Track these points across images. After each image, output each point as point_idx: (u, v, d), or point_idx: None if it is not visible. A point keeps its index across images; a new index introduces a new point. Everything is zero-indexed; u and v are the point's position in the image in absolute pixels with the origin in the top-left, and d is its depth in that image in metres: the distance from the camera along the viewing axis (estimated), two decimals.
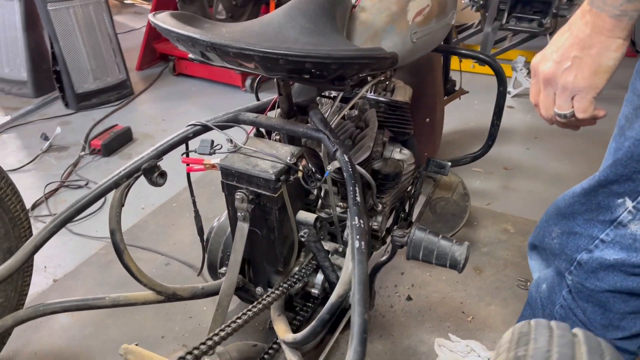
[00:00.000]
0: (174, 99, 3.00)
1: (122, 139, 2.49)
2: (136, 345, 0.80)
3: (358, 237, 0.97)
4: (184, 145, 1.22)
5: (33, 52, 2.87)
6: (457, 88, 2.10)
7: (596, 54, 0.73)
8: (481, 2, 2.79)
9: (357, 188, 1.04)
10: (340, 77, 1.00)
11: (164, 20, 1.00)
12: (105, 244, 1.83)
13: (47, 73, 2.87)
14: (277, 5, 3.25)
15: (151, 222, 1.95)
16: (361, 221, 0.99)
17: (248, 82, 3.08)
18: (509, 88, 3.09)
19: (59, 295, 1.61)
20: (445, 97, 2.06)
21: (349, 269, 0.94)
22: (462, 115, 2.73)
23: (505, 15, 2.96)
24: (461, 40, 3.39)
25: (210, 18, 3.05)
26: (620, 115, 0.80)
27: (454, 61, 2.09)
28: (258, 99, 1.29)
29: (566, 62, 0.75)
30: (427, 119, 1.83)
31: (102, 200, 2.09)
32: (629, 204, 0.71)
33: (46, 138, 2.47)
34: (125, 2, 4.84)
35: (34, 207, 2.03)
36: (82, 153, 2.39)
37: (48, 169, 2.30)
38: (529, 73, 3.08)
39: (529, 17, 3.02)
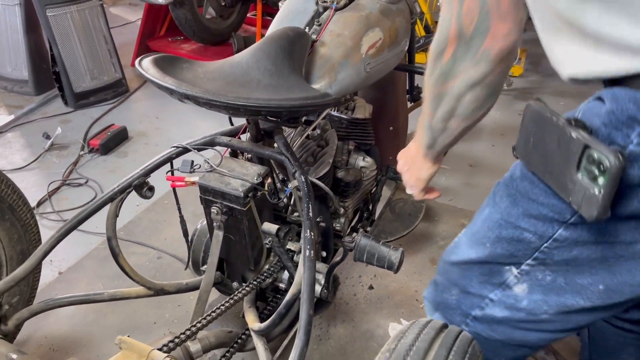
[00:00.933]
0: (166, 96, 3.18)
1: (118, 138, 2.69)
2: (128, 336, 1.01)
3: (308, 247, 1.18)
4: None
5: (33, 53, 3.04)
6: (421, 95, 2.29)
7: (417, 168, 1.13)
8: None
9: (310, 205, 1.25)
10: (292, 119, 1.21)
11: (147, 68, 1.20)
12: (103, 239, 2.04)
13: (47, 73, 3.05)
14: (263, 6, 3.41)
15: (145, 218, 2.17)
16: (312, 233, 1.21)
17: None
18: None
19: (64, 286, 1.84)
20: (412, 103, 2.26)
21: (300, 273, 1.17)
22: None
23: None
24: (425, 43, 3.56)
25: (200, 19, 3.22)
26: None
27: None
28: (232, 124, 1.50)
29: (405, 167, 1.18)
30: (391, 127, 2.04)
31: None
32: (515, 271, 0.88)
33: (48, 137, 2.66)
34: None
35: (39, 204, 2.23)
36: (82, 152, 2.59)
37: (50, 167, 2.50)
38: None
39: None
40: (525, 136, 0.79)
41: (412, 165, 1.15)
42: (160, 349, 1.01)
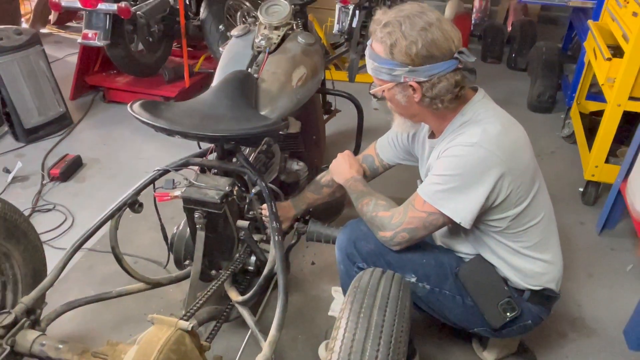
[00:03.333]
0: (108, 125, 3.26)
1: (75, 166, 2.75)
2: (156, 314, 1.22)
3: (276, 234, 1.45)
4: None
5: None
6: (333, 109, 2.62)
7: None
8: (346, 36, 3.31)
9: (272, 202, 1.52)
10: (249, 143, 1.47)
11: (139, 113, 1.40)
12: (84, 253, 2.15)
13: None
14: (187, 39, 3.54)
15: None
16: (277, 224, 1.47)
17: None
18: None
19: (59, 296, 1.91)
20: (326, 116, 2.57)
21: (273, 254, 1.43)
22: (343, 119, 3.23)
23: (366, 41, 3.51)
24: (335, 57, 3.90)
25: (132, 55, 3.31)
26: None
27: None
28: (200, 147, 1.71)
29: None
30: (314, 137, 2.33)
31: (71, 220, 2.40)
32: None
33: (8, 171, 2.66)
34: (42, 31, 4.84)
35: None
36: (44, 181, 2.63)
37: (17, 198, 2.52)
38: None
39: None
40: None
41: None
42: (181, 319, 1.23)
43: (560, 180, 2.73)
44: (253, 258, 1.72)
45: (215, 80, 1.72)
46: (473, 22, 4.91)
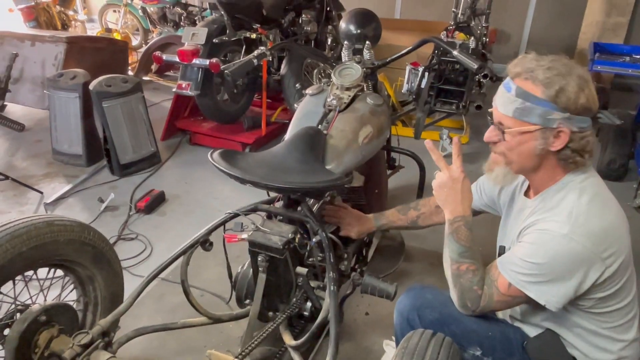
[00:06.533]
0: (192, 165, 3.47)
1: (158, 200, 2.93)
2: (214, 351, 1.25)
3: (332, 283, 1.45)
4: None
5: (87, 133, 3.29)
6: (396, 165, 2.63)
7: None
8: (413, 96, 3.35)
9: (330, 253, 1.53)
10: (313, 195, 1.51)
11: (218, 161, 1.49)
12: (157, 282, 2.25)
13: (96, 148, 3.31)
14: (267, 91, 3.73)
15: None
16: (334, 274, 1.48)
17: (247, 150, 3.56)
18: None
19: (131, 320, 2.00)
20: (389, 172, 2.59)
21: (327, 303, 1.43)
22: (406, 175, 3.22)
23: (433, 100, 3.54)
24: (402, 114, 3.95)
25: (218, 104, 3.53)
26: None
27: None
28: (268, 195, 1.77)
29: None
30: (376, 190, 2.34)
31: (149, 250, 2.53)
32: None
33: (102, 201, 2.88)
34: (144, 79, 5.29)
35: None
36: (131, 212, 2.82)
37: (107, 225, 2.72)
38: (451, 141, 3.62)
39: (450, 101, 3.60)
40: None
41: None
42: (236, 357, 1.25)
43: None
44: (309, 304, 1.72)
45: (288, 134, 1.79)
46: None
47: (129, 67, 5.29)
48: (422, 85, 3.41)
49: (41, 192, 3.00)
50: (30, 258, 1.40)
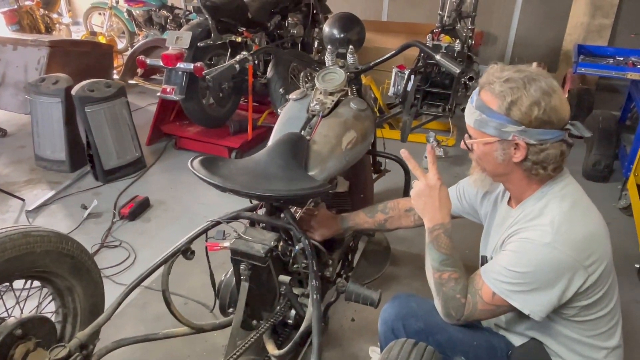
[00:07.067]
0: (177, 170, 3.43)
1: (143, 206, 2.90)
2: None
3: (315, 292, 1.43)
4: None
5: (70, 139, 3.25)
6: (382, 168, 2.62)
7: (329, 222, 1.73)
8: (400, 99, 3.35)
9: (313, 261, 1.51)
10: (295, 202, 1.49)
11: (198, 169, 1.46)
12: (140, 290, 2.22)
13: (80, 154, 3.26)
14: (254, 94, 3.71)
15: (173, 272, 2.35)
16: (316, 282, 1.46)
17: (234, 154, 3.54)
18: (425, 154, 3.63)
19: (113, 329, 1.98)
20: (375, 176, 2.57)
21: (310, 312, 1.41)
22: (393, 179, 3.21)
23: (420, 103, 3.54)
24: (389, 117, 3.94)
25: (203, 108, 3.50)
26: None
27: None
28: (251, 202, 1.75)
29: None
30: (362, 195, 2.33)
31: (133, 257, 2.50)
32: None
33: (85, 207, 2.84)
34: (130, 82, 5.24)
35: None
36: (114, 219, 2.78)
37: (90, 232, 2.68)
38: (438, 143, 3.63)
39: (437, 103, 3.60)
40: None
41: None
42: None
43: (614, 254, 2.53)
44: (293, 312, 1.70)
45: (271, 140, 1.77)
46: None
47: (115, 71, 5.23)
48: (408, 88, 3.41)
49: (23, 200, 2.95)
50: (6, 270, 1.37)
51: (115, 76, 5.17)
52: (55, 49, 3.97)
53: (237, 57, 1.89)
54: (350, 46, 2.04)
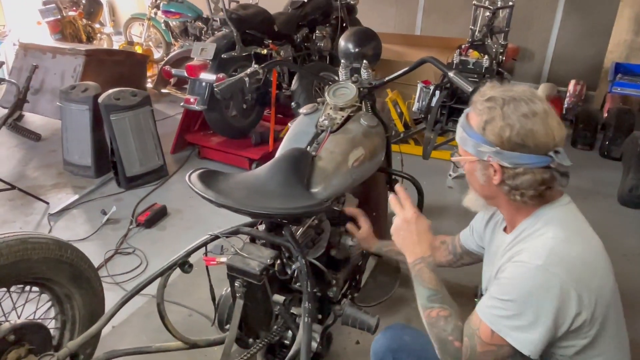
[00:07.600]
0: None
1: (159, 215, 2.93)
2: None
3: (307, 314, 1.38)
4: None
5: (96, 146, 3.34)
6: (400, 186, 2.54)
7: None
8: (422, 115, 3.27)
9: (307, 282, 1.46)
10: (292, 221, 1.45)
11: (194, 183, 1.45)
12: (147, 299, 2.22)
13: (105, 160, 3.34)
14: (278, 106, 3.70)
15: (180, 282, 2.36)
16: (309, 304, 1.41)
17: (254, 165, 3.54)
18: (450, 172, 3.53)
19: (117, 338, 2.00)
20: (391, 192, 2.50)
21: (300, 336, 1.36)
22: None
23: (445, 119, 3.44)
24: (413, 133, 3.86)
25: (227, 119, 3.53)
26: None
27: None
28: (252, 218, 1.72)
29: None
30: (374, 213, 2.26)
31: (144, 265, 2.52)
32: None
33: (104, 213, 2.90)
34: (162, 91, 5.36)
35: (97, 269, 2.43)
36: (131, 226, 2.82)
37: (106, 238, 2.72)
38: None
39: None
40: None
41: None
42: None
43: None
44: (290, 332, 1.65)
45: (277, 154, 1.74)
46: (565, 106, 4.63)
47: (149, 80, 5.37)
48: (432, 104, 3.32)
49: (47, 203, 3.04)
50: (2, 276, 1.39)
51: (149, 85, 5.31)
52: (90, 57, 4.11)
53: (248, 70, 1.88)
54: (365, 61, 2.00)
